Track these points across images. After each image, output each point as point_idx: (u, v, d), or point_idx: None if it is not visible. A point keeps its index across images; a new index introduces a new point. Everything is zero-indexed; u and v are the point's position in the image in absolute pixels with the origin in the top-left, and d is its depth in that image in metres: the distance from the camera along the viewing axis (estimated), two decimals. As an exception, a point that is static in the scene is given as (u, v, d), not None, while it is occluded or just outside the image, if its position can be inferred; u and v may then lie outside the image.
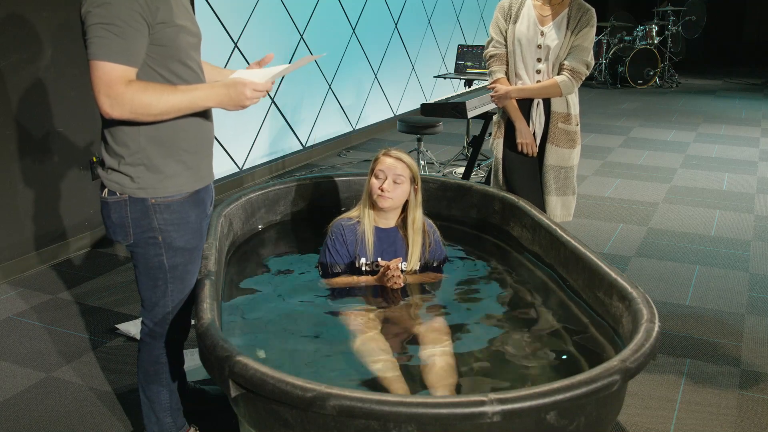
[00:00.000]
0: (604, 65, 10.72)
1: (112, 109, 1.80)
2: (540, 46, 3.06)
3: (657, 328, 1.81)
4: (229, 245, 2.70)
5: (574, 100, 3.14)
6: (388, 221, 2.64)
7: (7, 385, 2.73)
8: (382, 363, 2.07)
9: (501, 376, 2.06)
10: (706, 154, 6.56)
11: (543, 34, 3.05)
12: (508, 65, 3.16)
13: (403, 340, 2.28)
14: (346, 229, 2.61)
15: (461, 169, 5.42)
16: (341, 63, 6.69)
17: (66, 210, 3.98)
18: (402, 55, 7.83)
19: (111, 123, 1.91)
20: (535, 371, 2.09)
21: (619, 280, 2.10)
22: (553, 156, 3.14)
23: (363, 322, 2.32)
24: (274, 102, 5.84)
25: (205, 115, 2.04)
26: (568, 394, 1.52)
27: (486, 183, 3.70)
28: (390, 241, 2.62)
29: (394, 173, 2.56)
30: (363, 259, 2.60)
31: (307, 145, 6.37)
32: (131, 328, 3.09)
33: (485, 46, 3.23)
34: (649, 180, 5.68)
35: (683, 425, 2.51)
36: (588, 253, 2.33)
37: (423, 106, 4.58)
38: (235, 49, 5.26)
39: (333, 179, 3.22)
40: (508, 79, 3.17)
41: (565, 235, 2.51)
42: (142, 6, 1.81)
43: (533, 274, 2.66)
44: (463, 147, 6.17)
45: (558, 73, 3.06)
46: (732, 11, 13.24)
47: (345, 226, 2.62)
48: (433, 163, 5.91)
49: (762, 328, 3.22)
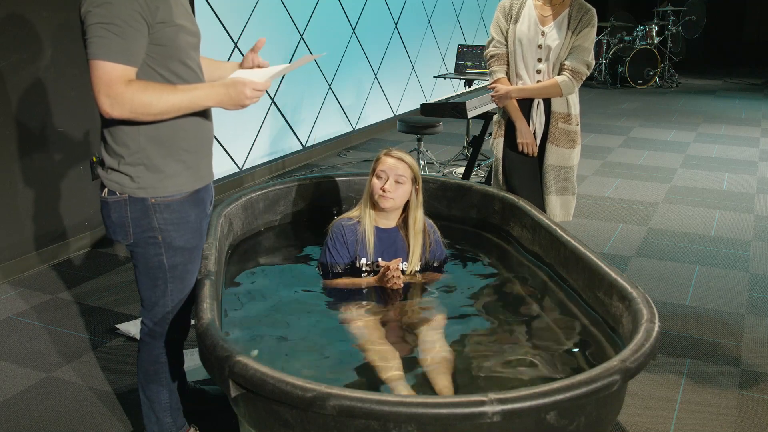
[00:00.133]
0: (604, 65, 10.71)
1: (112, 108, 1.80)
2: (541, 46, 3.06)
3: (657, 328, 1.81)
4: (229, 245, 2.70)
5: (574, 100, 3.14)
6: (388, 221, 2.64)
7: (7, 385, 2.73)
8: (382, 362, 2.07)
9: (501, 376, 2.06)
10: (706, 154, 6.56)
11: (544, 34, 3.05)
12: (508, 65, 3.16)
13: (403, 339, 2.28)
14: (347, 230, 2.61)
15: (461, 169, 5.42)
16: (341, 63, 6.69)
17: (66, 210, 3.98)
18: (402, 55, 7.83)
19: (111, 123, 1.91)
20: (535, 371, 2.09)
21: (619, 280, 2.10)
22: (554, 156, 3.14)
23: (363, 322, 2.32)
24: (274, 102, 5.84)
25: (204, 114, 2.04)
26: (568, 394, 1.52)
27: (486, 183, 3.70)
28: (390, 242, 2.62)
29: (395, 173, 2.56)
30: (363, 260, 2.60)
31: (307, 145, 6.37)
32: (131, 328, 3.09)
33: (486, 46, 3.23)
34: (649, 180, 5.68)
35: (683, 425, 2.51)
36: (588, 253, 2.33)
37: (423, 106, 4.59)
38: (235, 49, 5.26)
39: (333, 179, 3.22)
40: (509, 79, 3.17)
41: (565, 235, 2.51)
42: (142, 6, 1.81)
43: (533, 274, 2.66)
44: (463, 147, 6.17)
45: (558, 73, 3.06)
46: (732, 11, 13.24)
47: (345, 226, 2.62)
48: (433, 163, 5.91)
49: (762, 328, 3.22)
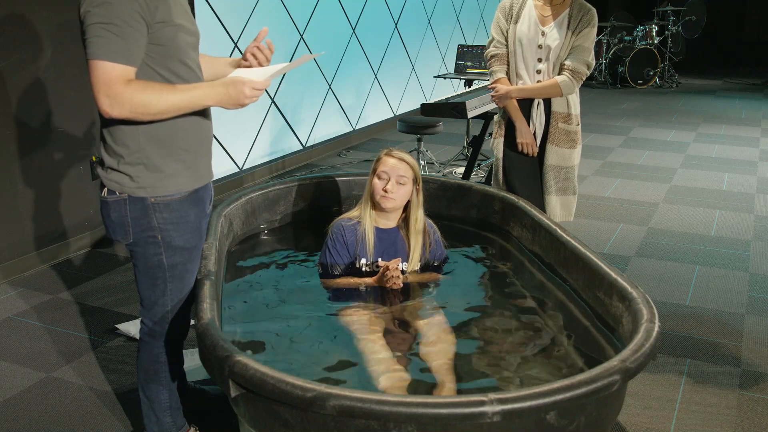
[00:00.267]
0: (604, 65, 10.71)
1: (112, 108, 1.80)
2: (541, 46, 3.06)
3: (657, 328, 1.81)
4: (229, 245, 2.70)
5: (574, 100, 3.14)
6: (388, 222, 2.64)
7: (7, 385, 2.73)
8: (382, 363, 2.07)
9: (501, 376, 2.06)
10: (706, 154, 6.56)
11: (544, 34, 3.05)
12: (509, 65, 3.17)
13: (403, 339, 2.28)
14: (347, 230, 2.61)
15: (461, 169, 5.42)
16: (341, 63, 6.69)
17: (66, 210, 3.98)
18: (402, 55, 7.83)
19: (110, 122, 1.92)
20: (535, 371, 2.09)
21: (619, 280, 2.10)
22: (554, 156, 3.14)
23: (363, 322, 2.32)
24: (274, 102, 5.84)
25: (203, 114, 2.04)
26: (568, 394, 1.52)
27: (486, 183, 3.70)
28: (390, 242, 2.62)
29: (397, 174, 2.55)
30: (363, 260, 2.60)
31: (307, 145, 6.37)
32: (131, 328, 3.09)
33: (486, 46, 3.23)
34: (649, 180, 5.68)
35: (683, 425, 2.51)
36: (588, 253, 2.33)
37: (423, 106, 4.58)
38: (235, 49, 5.26)
39: (333, 179, 3.22)
40: (509, 79, 3.17)
41: (565, 235, 2.51)
42: (141, 5, 1.81)
43: (533, 274, 2.66)
44: (463, 147, 6.17)
45: (559, 73, 3.06)
46: (732, 11, 13.23)
47: (345, 226, 2.62)
48: (433, 163, 5.91)
49: (762, 328, 3.22)
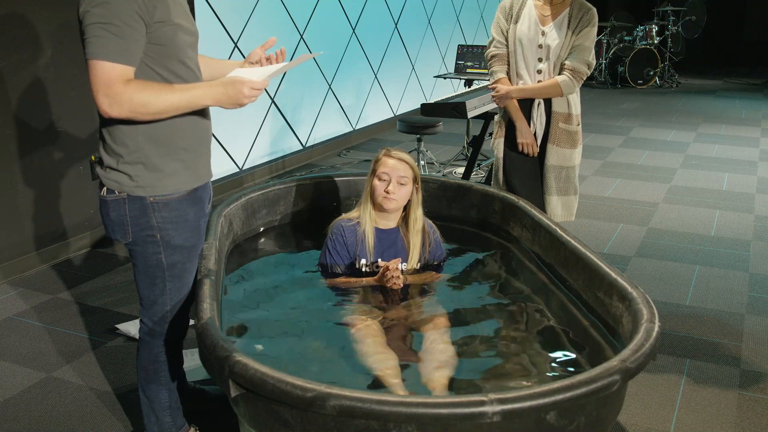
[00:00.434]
0: (604, 65, 10.71)
1: (111, 108, 1.80)
2: (541, 46, 3.06)
3: (657, 328, 1.81)
4: (229, 245, 2.70)
5: (575, 99, 3.14)
6: (388, 222, 2.64)
7: (7, 385, 2.73)
8: (382, 363, 2.07)
9: (501, 376, 2.06)
10: (706, 154, 6.56)
11: (544, 33, 3.05)
12: (509, 65, 3.16)
13: (403, 339, 2.28)
14: (347, 230, 2.61)
15: (461, 169, 5.42)
16: (341, 63, 6.69)
17: (66, 210, 3.98)
18: (402, 55, 7.83)
19: (109, 122, 1.92)
20: (535, 371, 2.09)
21: (619, 280, 2.10)
22: (554, 156, 3.14)
23: (363, 322, 2.32)
24: (274, 102, 5.84)
25: (202, 113, 2.04)
26: (568, 394, 1.52)
27: (486, 183, 3.70)
28: (390, 242, 2.62)
29: (397, 175, 2.55)
30: (363, 260, 2.60)
31: (307, 145, 6.37)
32: (131, 328, 3.09)
33: (487, 46, 3.23)
34: (649, 180, 5.68)
35: (683, 425, 2.51)
36: (588, 253, 2.33)
37: (423, 106, 4.58)
38: (235, 49, 5.26)
39: (333, 179, 3.22)
40: (510, 79, 3.17)
41: (565, 235, 2.51)
42: (140, 5, 1.81)
43: (533, 274, 2.66)
44: (463, 147, 6.17)
45: (559, 73, 3.06)
46: (732, 11, 13.23)
47: (345, 227, 2.62)
48: (433, 163, 5.91)
49: (762, 328, 3.22)
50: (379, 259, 2.59)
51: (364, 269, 2.60)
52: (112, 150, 1.95)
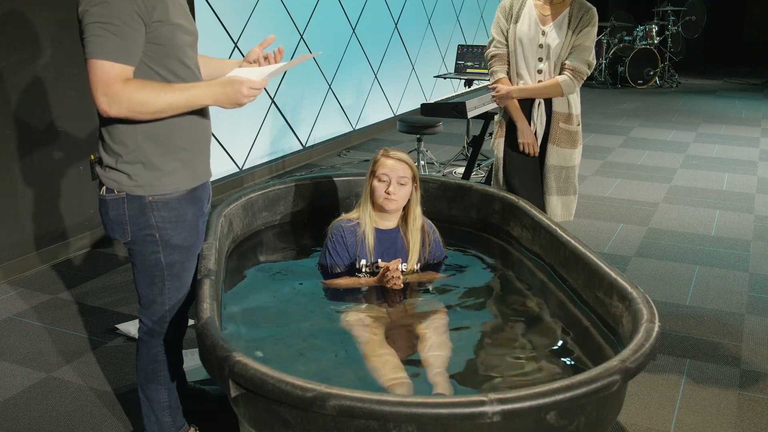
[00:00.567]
0: (604, 65, 10.71)
1: (110, 107, 1.80)
2: (541, 46, 3.06)
3: (657, 328, 1.81)
4: (229, 245, 2.70)
5: (575, 99, 3.13)
6: (388, 222, 2.64)
7: (7, 385, 2.73)
8: (382, 362, 2.07)
9: (501, 376, 2.06)
10: (706, 154, 6.56)
11: (544, 33, 3.05)
12: (509, 65, 3.16)
13: (403, 339, 2.28)
14: (346, 231, 2.61)
15: (461, 169, 5.42)
16: (341, 63, 6.69)
17: (66, 210, 3.98)
18: (402, 55, 7.83)
19: (109, 121, 1.92)
20: (535, 371, 2.09)
21: (619, 280, 2.10)
22: (555, 156, 3.14)
23: (363, 322, 2.32)
24: (274, 102, 5.84)
25: (202, 113, 2.04)
26: (568, 394, 1.52)
27: (486, 183, 3.70)
28: (390, 242, 2.62)
29: (397, 175, 2.55)
30: (363, 261, 2.60)
31: (307, 145, 6.37)
32: (131, 328, 3.09)
33: (487, 46, 3.23)
34: (649, 180, 5.68)
35: (683, 425, 2.51)
36: (588, 253, 2.33)
37: (423, 106, 4.58)
38: (235, 49, 5.26)
39: (333, 179, 3.22)
40: (510, 79, 3.17)
41: (565, 235, 2.51)
42: (139, 5, 1.81)
43: (533, 274, 2.66)
44: (463, 147, 6.17)
45: (559, 73, 3.06)
46: (732, 11, 13.23)
47: (345, 227, 2.62)
48: (433, 163, 5.91)
49: (762, 328, 3.22)
50: (379, 260, 2.59)
51: (364, 270, 2.60)
52: (112, 149, 1.95)
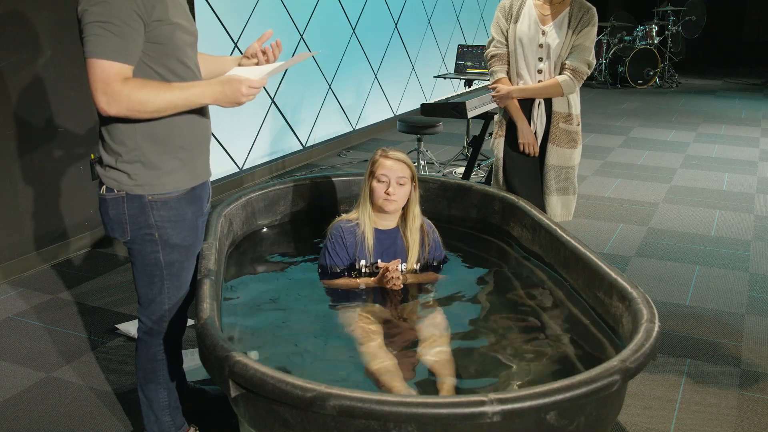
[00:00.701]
0: (604, 65, 10.71)
1: (109, 106, 1.81)
2: (541, 46, 3.06)
3: (657, 328, 1.81)
4: (228, 245, 2.70)
5: (575, 99, 3.13)
6: (388, 222, 2.64)
7: (7, 385, 2.73)
8: (382, 363, 2.07)
9: (501, 376, 2.06)
10: (706, 154, 6.56)
11: (544, 33, 3.05)
12: (509, 65, 3.16)
13: (403, 339, 2.28)
14: (346, 231, 2.61)
15: (461, 169, 5.42)
16: (341, 63, 6.69)
17: (66, 210, 3.98)
18: (402, 55, 7.83)
19: (108, 121, 1.92)
20: (535, 371, 2.08)
21: (619, 280, 2.10)
22: (554, 156, 3.14)
23: (363, 322, 2.31)
24: (274, 102, 5.84)
25: (201, 112, 2.05)
26: (568, 394, 1.52)
27: (486, 183, 3.70)
28: (390, 243, 2.62)
29: (396, 176, 2.55)
30: (363, 261, 2.60)
31: (307, 145, 6.37)
32: (131, 328, 3.09)
33: (486, 46, 3.23)
34: (649, 180, 5.68)
35: (683, 425, 2.51)
36: (588, 253, 2.33)
37: (423, 106, 4.58)
38: (235, 49, 5.26)
39: (333, 179, 3.22)
40: (510, 79, 3.17)
41: (565, 235, 2.51)
42: (138, 4, 1.82)
43: (533, 274, 2.66)
44: (463, 147, 6.17)
45: (559, 73, 3.06)
46: (732, 11, 13.23)
47: (344, 228, 2.62)
48: (433, 163, 5.91)
49: (762, 328, 3.22)
50: (378, 260, 2.59)
51: (363, 270, 2.60)
52: (111, 149, 1.95)
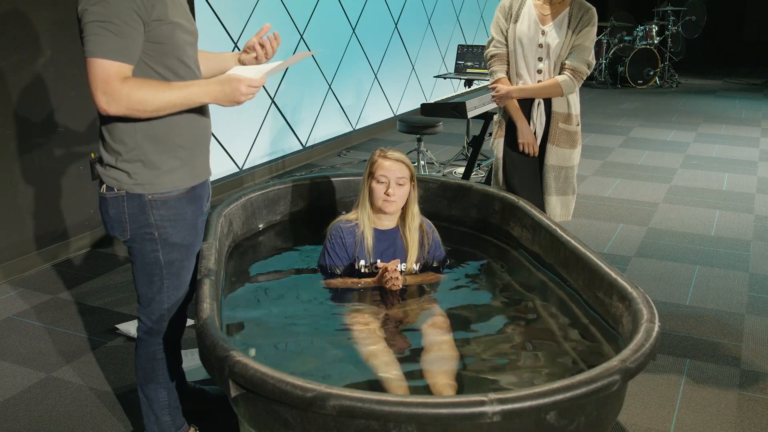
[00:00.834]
0: (604, 65, 10.71)
1: (109, 105, 1.81)
2: (541, 45, 3.06)
3: (657, 328, 1.81)
4: (228, 245, 2.70)
5: (575, 99, 3.13)
6: (387, 222, 2.64)
7: (7, 385, 2.73)
8: (382, 363, 2.07)
9: (501, 376, 2.06)
10: (706, 154, 6.56)
11: (544, 33, 3.05)
12: (509, 65, 3.16)
13: (403, 339, 2.28)
14: (345, 232, 2.61)
15: (461, 169, 5.42)
16: (341, 63, 6.69)
17: (66, 210, 3.98)
18: (402, 55, 7.83)
19: (108, 120, 1.92)
20: (535, 371, 2.09)
21: (619, 280, 2.10)
22: (554, 156, 3.14)
23: (363, 323, 2.32)
24: (274, 102, 5.84)
25: (201, 111, 2.05)
26: (568, 394, 1.52)
27: (486, 183, 3.70)
28: (389, 243, 2.62)
29: (395, 176, 2.54)
30: (362, 261, 2.60)
31: (307, 145, 6.37)
32: (131, 328, 3.09)
33: (486, 46, 3.23)
34: (649, 180, 5.68)
35: (683, 425, 2.51)
36: (588, 253, 2.33)
37: (423, 106, 4.58)
38: (235, 48, 5.26)
39: (333, 179, 3.22)
40: (510, 79, 3.17)
41: (565, 235, 2.51)
42: (138, 4, 1.82)
43: (533, 274, 2.66)
44: (463, 147, 6.17)
45: (559, 73, 3.06)
46: (732, 11, 13.23)
47: (344, 228, 2.62)
48: (433, 163, 5.91)
49: (762, 328, 3.22)
50: (378, 260, 2.59)
51: (363, 270, 2.60)
52: (111, 148, 1.96)
